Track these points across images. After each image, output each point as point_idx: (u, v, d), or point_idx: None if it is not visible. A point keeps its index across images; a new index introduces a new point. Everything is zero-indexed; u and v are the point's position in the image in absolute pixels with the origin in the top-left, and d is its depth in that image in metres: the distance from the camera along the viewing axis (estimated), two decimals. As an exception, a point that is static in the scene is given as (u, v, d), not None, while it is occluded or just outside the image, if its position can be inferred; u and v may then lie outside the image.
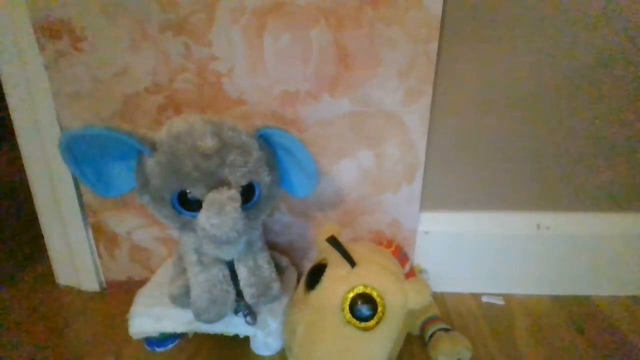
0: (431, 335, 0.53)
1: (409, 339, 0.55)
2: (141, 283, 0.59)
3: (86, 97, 0.58)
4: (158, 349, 0.56)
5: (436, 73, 0.55)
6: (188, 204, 0.43)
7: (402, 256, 0.55)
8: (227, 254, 0.49)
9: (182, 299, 0.52)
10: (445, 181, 0.63)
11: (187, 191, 0.42)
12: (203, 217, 0.40)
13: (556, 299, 0.65)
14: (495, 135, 0.59)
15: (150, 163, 0.42)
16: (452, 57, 0.55)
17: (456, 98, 0.58)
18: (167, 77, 0.56)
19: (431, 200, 0.64)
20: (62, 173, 0.61)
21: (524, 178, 0.62)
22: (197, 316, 0.49)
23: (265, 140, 0.46)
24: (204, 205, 0.40)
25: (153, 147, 0.42)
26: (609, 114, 0.57)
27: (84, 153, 0.42)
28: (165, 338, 0.56)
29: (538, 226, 0.63)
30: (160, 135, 0.43)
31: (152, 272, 0.64)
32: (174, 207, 0.44)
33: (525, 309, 0.63)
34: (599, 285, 0.65)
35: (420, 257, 0.66)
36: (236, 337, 0.54)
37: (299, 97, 0.57)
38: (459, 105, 0.58)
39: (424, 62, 0.54)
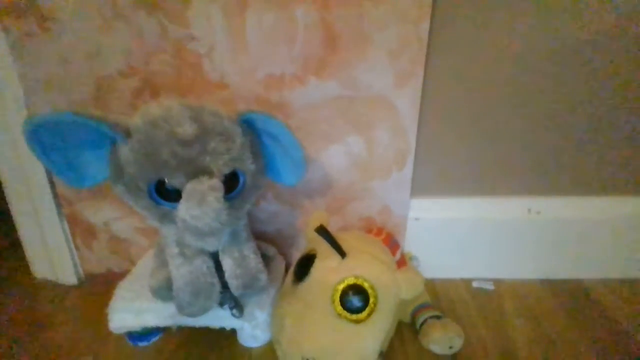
0: (422, 323, 0.53)
1: (399, 326, 0.54)
2: (121, 275, 0.57)
3: (56, 81, 0.54)
4: (140, 344, 0.54)
5: (427, 55, 0.53)
6: (167, 194, 0.41)
7: (392, 244, 0.54)
8: (211, 245, 0.47)
9: (163, 292, 0.50)
10: (436, 166, 0.61)
11: (165, 180, 0.40)
12: (183, 209, 0.38)
13: (546, 283, 0.65)
14: (487, 119, 0.58)
15: (124, 151, 0.39)
16: (444, 38, 0.53)
17: (448, 81, 0.55)
18: (142, 58, 0.53)
19: (422, 186, 0.62)
20: (33, 161, 0.58)
21: (515, 163, 0.61)
22: (180, 310, 0.48)
23: (249, 126, 0.44)
24: (184, 195, 0.38)
25: (127, 133, 0.39)
26: (601, 96, 0.56)
27: (52, 140, 0.39)
28: (147, 332, 0.54)
29: (529, 211, 0.62)
30: (135, 120, 0.40)
31: (133, 263, 0.62)
32: (151, 197, 0.41)
33: (516, 294, 0.63)
34: (589, 268, 0.66)
35: (411, 243, 0.65)
36: (223, 328, 0.52)
37: (284, 81, 0.54)
38: (450, 88, 0.56)
39: (415, 43, 0.51)
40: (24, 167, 0.58)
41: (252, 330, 0.52)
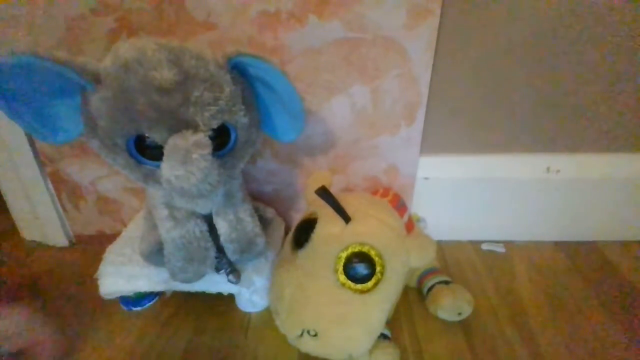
0: (430, 289, 0.50)
1: (405, 291, 0.51)
2: (113, 237, 0.54)
3: (22, 23, 0.47)
4: (134, 308, 0.52)
5: (446, -12, 0.46)
6: (148, 151, 0.36)
7: (400, 206, 0.49)
8: (203, 207, 0.44)
9: (155, 257, 0.47)
10: (448, 121, 0.55)
11: (146, 135, 0.35)
12: (166, 168, 0.33)
13: (560, 245, 0.62)
14: (507, 69, 0.51)
15: (95, 100, 0.34)
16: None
17: (468, 23, 0.48)
18: (117, -6, 0.46)
19: (432, 143, 0.57)
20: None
21: (534, 117, 0.55)
22: (173, 276, 0.45)
23: (240, 72, 0.38)
24: (165, 153, 0.33)
25: (96, 79, 0.33)
26: (625, 51, 0.49)
27: (14, 87, 0.34)
28: (141, 297, 0.52)
29: (547, 169, 0.57)
30: (105, 64, 0.34)
31: (125, 225, 0.59)
32: (131, 154, 0.36)
33: (528, 257, 0.60)
34: (607, 230, 0.62)
35: (418, 205, 0.61)
36: (220, 293, 0.49)
37: (281, 20, 0.47)
38: (471, 30, 0.49)
39: (433, -27, 0.44)
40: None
41: (250, 296, 0.49)
